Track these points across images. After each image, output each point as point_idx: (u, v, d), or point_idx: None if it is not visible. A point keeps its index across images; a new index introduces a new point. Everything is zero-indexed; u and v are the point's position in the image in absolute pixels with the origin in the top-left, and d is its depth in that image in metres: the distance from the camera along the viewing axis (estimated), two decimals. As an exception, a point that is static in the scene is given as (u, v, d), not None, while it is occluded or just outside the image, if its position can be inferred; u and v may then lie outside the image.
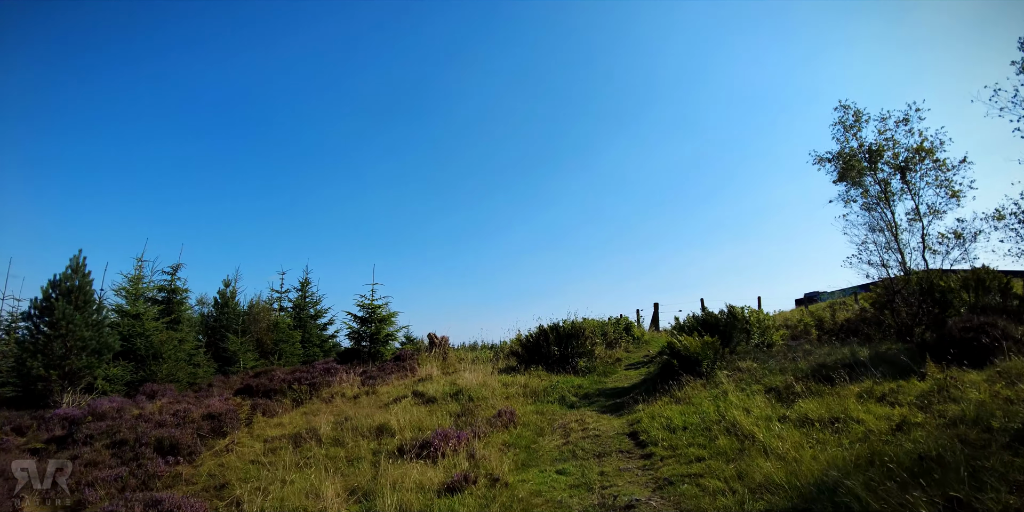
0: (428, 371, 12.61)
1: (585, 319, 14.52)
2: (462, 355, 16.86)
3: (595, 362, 11.88)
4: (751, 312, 11.87)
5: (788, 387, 7.46)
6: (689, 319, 12.62)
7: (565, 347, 11.80)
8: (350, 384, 12.16)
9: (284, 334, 21.81)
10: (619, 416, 8.25)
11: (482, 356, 15.37)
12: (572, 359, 11.74)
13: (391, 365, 14.93)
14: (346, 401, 11.13)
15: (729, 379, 8.73)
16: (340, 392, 11.75)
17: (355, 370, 15.62)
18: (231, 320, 22.55)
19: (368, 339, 17.23)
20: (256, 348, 21.48)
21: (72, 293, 13.45)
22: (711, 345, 9.24)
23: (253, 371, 18.89)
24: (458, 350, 21.13)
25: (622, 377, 11.28)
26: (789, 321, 15.65)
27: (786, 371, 8.66)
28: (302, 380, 13.41)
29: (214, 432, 9.46)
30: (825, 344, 10.94)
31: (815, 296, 38.46)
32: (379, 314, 17.64)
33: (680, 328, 11.99)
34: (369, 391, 11.41)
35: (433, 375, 11.95)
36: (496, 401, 9.07)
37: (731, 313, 11.76)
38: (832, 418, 5.95)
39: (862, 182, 14.75)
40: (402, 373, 13.91)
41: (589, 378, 11.07)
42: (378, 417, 8.48)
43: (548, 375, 11.06)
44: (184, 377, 16.96)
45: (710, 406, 7.39)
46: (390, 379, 12.71)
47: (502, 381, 10.36)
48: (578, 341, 11.88)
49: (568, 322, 12.58)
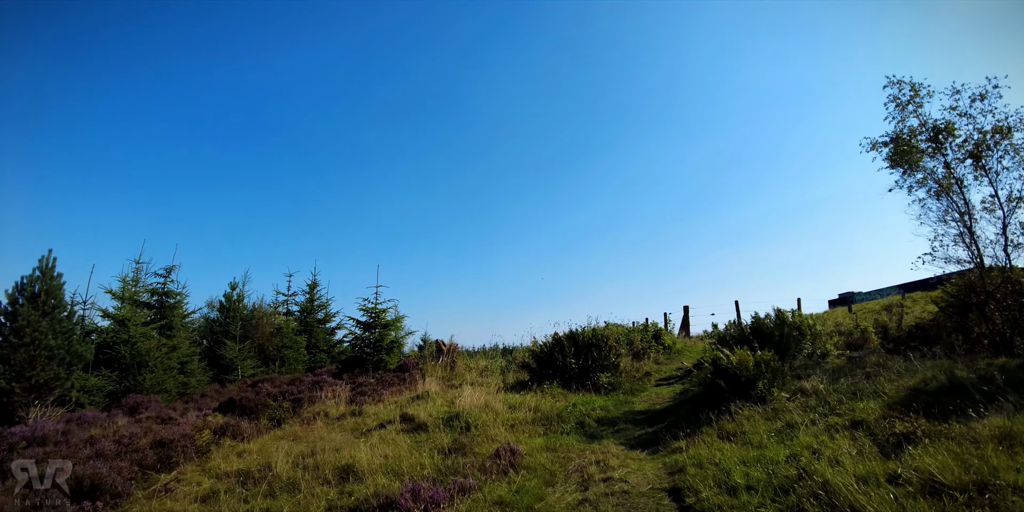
0: (427, 386, 10.77)
1: (608, 325, 12.54)
2: (472, 364, 15.03)
3: (620, 377, 9.91)
4: (799, 316, 9.78)
5: (886, 424, 5.42)
6: (732, 327, 10.57)
7: (585, 359, 9.85)
8: (336, 402, 10.38)
9: (288, 340, 20.25)
10: (653, 455, 6.27)
11: (493, 366, 13.49)
12: (593, 374, 9.78)
13: (391, 376, 13.17)
14: (328, 423, 9.36)
15: (793, 406, 6.71)
16: (324, 411, 9.98)
17: (354, 381, 13.91)
18: (230, 325, 21.13)
19: (371, 346, 15.50)
20: (258, 355, 19.97)
21: (39, 297, 11.96)
22: (768, 363, 7.21)
23: (251, 380, 17.40)
24: (470, 357, 19.33)
25: (652, 396, 9.29)
26: (841, 326, 13.45)
27: (865, 395, 6.62)
28: (287, 395, 11.71)
29: (161, 463, 7.74)
30: (896, 356, 8.84)
31: (850, 297, 35.72)
32: (383, 319, 15.89)
33: (723, 339, 9.95)
34: (355, 411, 9.63)
35: (431, 391, 10.10)
36: (498, 430, 7.17)
37: (779, 318, 9.69)
38: (977, 483, 3.92)
39: (923, 166, 12.52)
40: (401, 387, 12.12)
41: (613, 397, 9.10)
42: (348, 453, 6.64)
43: (564, 393, 9.12)
44: (173, 387, 15.44)
45: (778, 449, 5.38)
46: (384, 395, 10.93)
47: (508, 402, 8.45)
48: (600, 352, 9.91)
49: (588, 329, 10.63)
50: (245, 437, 9.32)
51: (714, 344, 10.61)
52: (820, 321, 13.79)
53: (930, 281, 31.77)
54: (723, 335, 10.29)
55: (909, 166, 12.51)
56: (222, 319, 21.41)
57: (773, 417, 6.48)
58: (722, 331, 10.47)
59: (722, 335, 10.47)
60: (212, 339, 20.90)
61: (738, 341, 9.07)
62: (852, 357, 9.64)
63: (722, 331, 10.47)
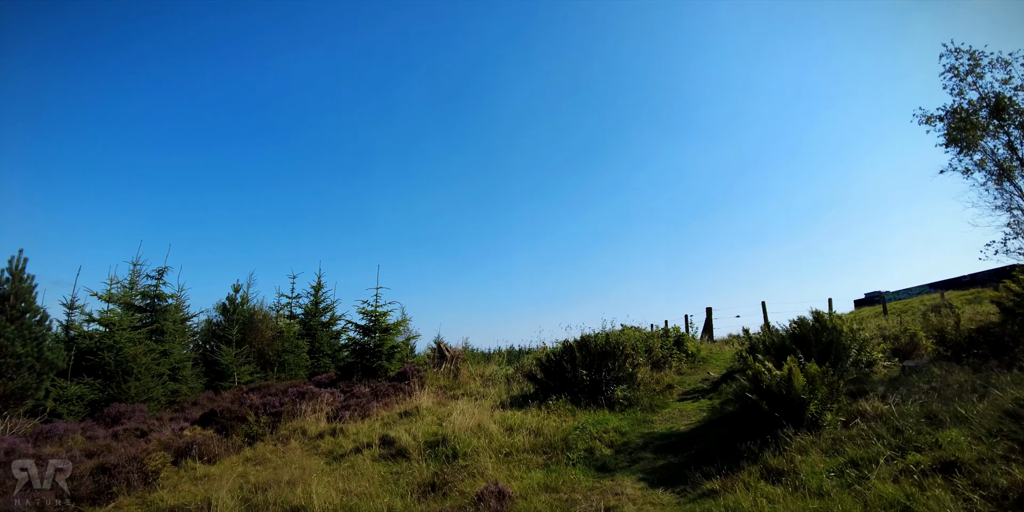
0: (420, 400, 9.49)
1: (625, 329, 11.15)
2: (479, 370, 13.74)
3: (638, 391, 8.52)
4: (836, 319, 8.32)
5: (995, 469, 3.99)
6: (767, 332, 9.13)
7: (597, 370, 8.47)
8: (317, 418, 9.15)
9: (289, 344, 19.16)
10: (680, 497, 4.89)
11: (498, 375, 12.17)
12: (606, 387, 8.39)
13: (387, 386, 11.92)
14: (304, 443, 8.12)
15: (854, 434, 5.29)
16: (302, 428, 8.76)
17: (349, 390, 12.72)
18: (229, 329, 20.14)
19: (370, 352, 14.28)
20: (257, 360, 18.90)
21: (7, 301, 10.95)
22: (823, 378, 5.77)
23: (247, 387, 16.35)
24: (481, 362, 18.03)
25: (675, 413, 7.89)
26: (885, 330, 11.86)
27: (945, 420, 5.18)
28: (269, 407, 10.53)
29: (99, 494, 6.57)
30: (957, 365, 7.35)
31: (877, 296, 33.61)
32: (383, 323, 14.67)
33: (755, 346, 8.51)
34: (336, 430, 8.38)
35: (422, 406, 8.81)
36: (488, 461, 5.84)
37: (819, 321, 8.24)
38: None
39: (982, 146, 10.93)
40: (395, 398, 10.87)
41: (630, 415, 7.72)
42: (303, 490, 5.38)
43: (572, 410, 7.76)
44: (162, 395, 14.39)
45: (847, 502, 3.98)
46: (374, 409, 9.68)
47: (507, 422, 7.11)
48: (615, 361, 8.53)
49: (601, 335, 9.26)
50: (213, 457, 8.16)
51: (745, 352, 9.19)
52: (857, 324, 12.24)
53: (962, 280, 29.71)
54: (756, 341, 8.86)
55: (966, 145, 10.95)
56: (225, 323, 20.48)
57: (831, 450, 5.07)
58: (755, 336, 9.04)
59: (755, 341, 9.03)
60: (214, 344, 19.97)
61: (777, 349, 7.64)
62: (907, 367, 8.15)
63: (755, 336, 9.04)
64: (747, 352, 9.19)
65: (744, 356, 9.21)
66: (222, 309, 21.12)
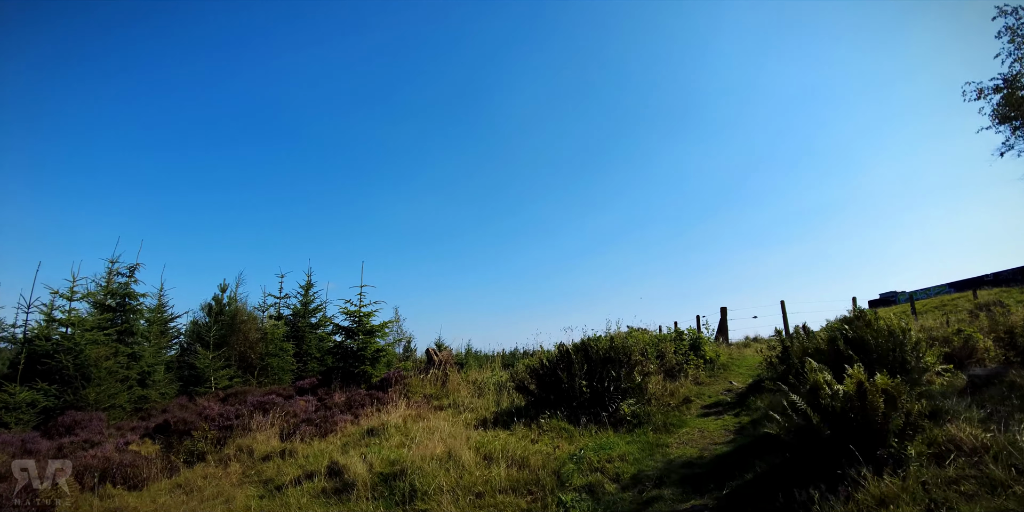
0: (391, 415, 7.98)
1: (632, 331, 9.58)
2: (471, 376, 12.21)
3: (649, 406, 6.94)
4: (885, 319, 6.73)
5: None
6: (801, 334, 7.56)
7: (600, 379, 6.91)
8: (268, 436, 7.65)
9: (274, 346, 17.73)
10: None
11: (489, 383, 10.64)
12: (611, 401, 6.83)
13: (363, 395, 10.41)
14: (245, 467, 6.62)
15: (953, 475, 3.74)
16: (250, 447, 7.25)
17: (323, 399, 11.26)
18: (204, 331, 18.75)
19: (353, 356, 12.79)
20: (239, 363, 17.47)
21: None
22: (902, 395, 4.19)
23: (224, 392, 14.93)
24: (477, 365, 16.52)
25: (695, 434, 6.30)
26: (932, 331, 10.21)
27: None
28: (222, 419, 9.06)
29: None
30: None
31: (892, 296, 31.75)
32: (367, 324, 13.18)
33: (788, 350, 6.94)
34: (287, 450, 6.86)
35: (390, 424, 7.25)
36: (452, 507, 4.32)
37: (863, 320, 6.66)
38: None
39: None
40: (369, 410, 9.36)
41: (640, 437, 6.15)
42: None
43: (569, 430, 6.21)
44: (127, 401, 13.00)
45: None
46: (338, 422, 8.17)
47: (485, 448, 5.56)
48: (621, 369, 6.98)
49: (605, 338, 7.72)
50: (139, 482, 6.72)
51: (775, 358, 7.62)
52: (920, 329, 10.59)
53: (985, 278, 27.76)
54: (790, 345, 7.28)
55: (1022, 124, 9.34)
56: (211, 323, 19.11)
57: (926, 502, 3.51)
58: (787, 339, 7.46)
59: (787, 345, 7.45)
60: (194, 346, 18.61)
61: (824, 355, 6.06)
62: (975, 377, 6.55)
63: (787, 339, 7.46)
64: (777, 358, 7.61)
65: (774, 362, 7.63)
66: (208, 310, 19.81)
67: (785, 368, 7.29)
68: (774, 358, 7.48)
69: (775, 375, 7.49)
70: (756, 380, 7.60)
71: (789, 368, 7.22)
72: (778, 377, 7.37)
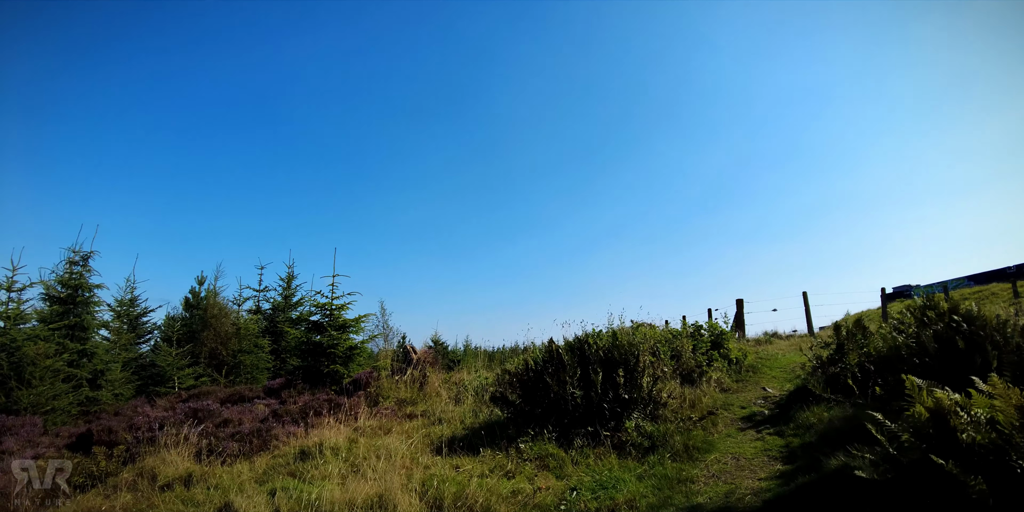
0: (330, 433, 6.28)
1: (639, 326, 7.86)
2: (457, 378, 10.55)
3: (665, 422, 5.22)
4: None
5: None
6: (860, 329, 5.84)
7: (600, 387, 5.21)
8: (183, 455, 5.96)
9: (248, 342, 16.10)
10: None
11: (471, 386, 8.97)
12: (615, 414, 5.13)
13: (322, 400, 8.74)
14: (141, 496, 4.95)
15: None
16: (154, 470, 5.59)
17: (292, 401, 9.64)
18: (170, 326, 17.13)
19: (323, 354, 11.13)
20: (210, 361, 15.85)
21: None
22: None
23: (188, 392, 13.33)
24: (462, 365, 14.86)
25: (729, 464, 4.55)
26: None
27: None
28: (146, 430, 7.40)
29: None
30: None
31: (906, 290, 29.75)
32: (340, 319, 11.52)
33: (843, 348, 5.23)
34: (195, 476, 5.20)
35: (327, 444, 5.53)
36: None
37: (966, 314, 4.92)
38: None
39: None
40: (326, 418, 7.72)
41: (654, 468, 4.40)
42: None
43: (558, 458, 4.51)
44: (70, 405, 11.36)
45: None
46: (279, 435, 6.51)
47: (438, 490, 3.84)
48: (627, 372, 5.29)
49: (606, 333, 6.02)
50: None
51: (828, 355, 5.89)
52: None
53: (1007, 271, 25.73)
54: (847, 343, 5.56)
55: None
56: (179, 318, 17.52)
57: None
58: (849, 333, 5.75)
59: (842, 342, 5.72)
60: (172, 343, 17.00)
61: (919, 361, 4.34)
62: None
63: (849, 333, 5.75)
64: (827, 359, 5.88)
65: (822, 364, 5.90)
66: (184, 304, 18.24)
67: (839, 371, 5.58)
68: (824, 358, 5.76)
69: (822, 380, 5.78)
70: (799, 387, 5.89)
71: (844, 372, 5.51)
72: (827, 382, 5.67)
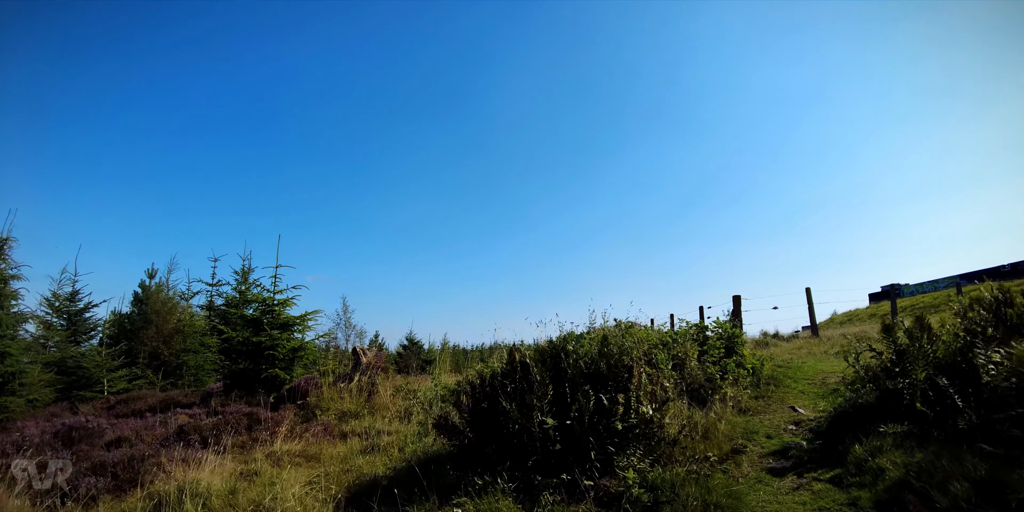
0: (200, 474, 4.57)
1: (630, 327, 6.24)
2: (412, 385, 8.87)
3: (673, 466, 3.60)
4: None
5: None
6: (926, 333, 4.28)
7: (579, 411, 3.61)
8: (23, 494, 4.24)
9: (192, 341, 14.27)
10: None
11: (425, 397, 7.32)
12: (603, 454, 3.54)
13: (243, 413, 7.03)
14: None
15: None
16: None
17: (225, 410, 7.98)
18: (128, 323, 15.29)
19: (259, 356, 9.38)
20: (149, 360, 14.00)
21: None
22: None
23: (118, 397, 11.55)
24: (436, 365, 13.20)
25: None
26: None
27: None
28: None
29: None
30: None
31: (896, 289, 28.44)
32: (281, 316, 9.79)
33: (905, 355, 3.71)
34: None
35: (198, 487, 3.88)
36: None
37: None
38: None
39: None
40: (242, 436, 6.04)
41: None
42: None
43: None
44: (-38, 414, 9.54)
45: None
46: (163, 464, 4.83)
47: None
48: (618, 390, 3.70)
49: (593, 335, 4.43)
50: None
51: (880, 370, 4.35)
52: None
53: (1002, 269, 24.58)
54: (910, 348, 4.02)
55: None
56: (136, 314, 15.64)
57: None
58: (913, 335, 4.22)
59: (902, 347, 4.18)
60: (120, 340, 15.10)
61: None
62: None
63: (913, 335, 4.22)
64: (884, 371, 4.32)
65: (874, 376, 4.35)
66: (134, 298, 16.32)
67: (900, 388, 4.04)
68: (877, 369, 4.21)
69: (875, 396, 4.25)
70: (842, 409, 4.33)
71: (909, 390, 3.96)
72: (882, 401, 4.13)
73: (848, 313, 25.01)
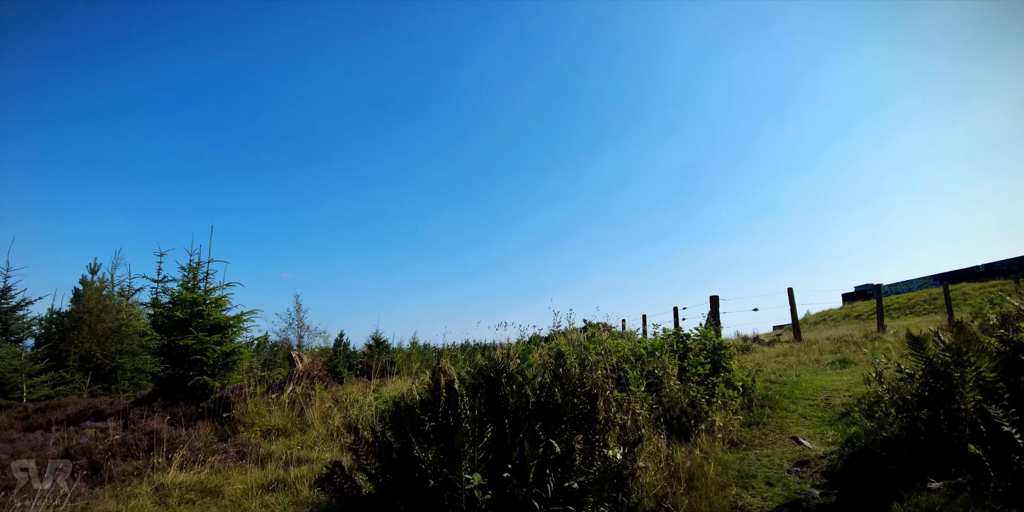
0: None
1: (595, 332, 5.24)
2: (352, 394, 7.77)
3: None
4: None
5: None
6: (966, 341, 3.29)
7: (519, 458, 2.59)
8: None
9: (130, 342, 12.92)
10: None
11: (362, 412, 6.21)
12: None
13: (144, 432, 5.88)
14: None
15: None
16: None
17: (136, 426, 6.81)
18: (65, 323, 13.92)
19: (187, 362, 8.20)
20: (80, 364, 12.62)
21: None
22: None
23: (36, 405, 10.25)
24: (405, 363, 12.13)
25: None
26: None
27: None
28: None
29: None
30: None
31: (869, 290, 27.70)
32: (212, 317, 8.60)
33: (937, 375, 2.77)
34: None
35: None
36: None
37: None
38: None
39: None
40: (136, 461, 4.91)
41: None
42: None
43: None
44: None
45: None
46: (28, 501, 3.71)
47: None
48: (579, 429, 2.69)
49: (538, 353, 3.41)
50: None
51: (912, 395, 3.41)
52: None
53: (976, 270, 24.17)
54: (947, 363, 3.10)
55: None
56: (76, 312, 14.23)
57: None
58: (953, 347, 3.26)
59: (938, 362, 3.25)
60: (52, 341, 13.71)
61: None
62: None
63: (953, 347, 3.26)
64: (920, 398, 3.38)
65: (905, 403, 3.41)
66: (75, 296, 14.90)
67: (941, 421, 3.09)
68: (907, 394, 3.26)
69: (903, 426, 3.31)
70: (867, 443, 3.37)
71: (956, 425, 3.02)
72: (922, 430, 3.19)
73: (822, 313, 24.39)
